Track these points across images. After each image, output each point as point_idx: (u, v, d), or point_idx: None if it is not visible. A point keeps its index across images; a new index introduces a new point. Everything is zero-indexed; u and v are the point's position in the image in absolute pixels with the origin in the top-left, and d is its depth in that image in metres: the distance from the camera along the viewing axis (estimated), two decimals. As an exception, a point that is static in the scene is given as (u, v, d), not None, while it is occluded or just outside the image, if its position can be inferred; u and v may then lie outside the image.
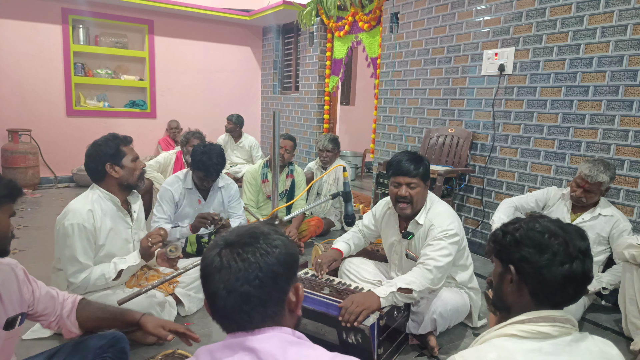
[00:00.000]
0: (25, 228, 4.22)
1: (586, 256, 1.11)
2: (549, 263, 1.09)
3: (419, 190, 2.28)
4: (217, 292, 0.89)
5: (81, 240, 2.14)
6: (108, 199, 2.28)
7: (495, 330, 1.13)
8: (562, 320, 1.08)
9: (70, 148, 6.32)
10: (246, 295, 0.88)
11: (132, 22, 6.61)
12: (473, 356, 1.06)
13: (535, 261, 1.11)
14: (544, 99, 3.43)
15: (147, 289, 1.70)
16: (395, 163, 2.31)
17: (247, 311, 0.89)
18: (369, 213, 2.73)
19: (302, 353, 0.88)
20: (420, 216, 2.33)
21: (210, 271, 0.91)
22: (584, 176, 2.66)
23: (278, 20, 6.98)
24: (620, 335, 2.55)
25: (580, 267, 1.10)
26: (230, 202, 3.34)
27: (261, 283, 0.89)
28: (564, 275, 1.09)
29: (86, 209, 2.19)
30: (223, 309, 0.90)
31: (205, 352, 0.91)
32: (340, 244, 2.62)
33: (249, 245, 0.92)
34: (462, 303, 2.36)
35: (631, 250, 2.34)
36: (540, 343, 1.05)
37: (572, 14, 3.21)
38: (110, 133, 2.33)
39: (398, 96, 4.79)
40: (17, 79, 5.95)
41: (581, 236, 1.13)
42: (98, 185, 2.29)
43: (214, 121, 7.25)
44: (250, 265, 0.89)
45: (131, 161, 2.29)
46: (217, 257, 0.91)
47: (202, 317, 2.60)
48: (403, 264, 2.46)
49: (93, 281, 2.17)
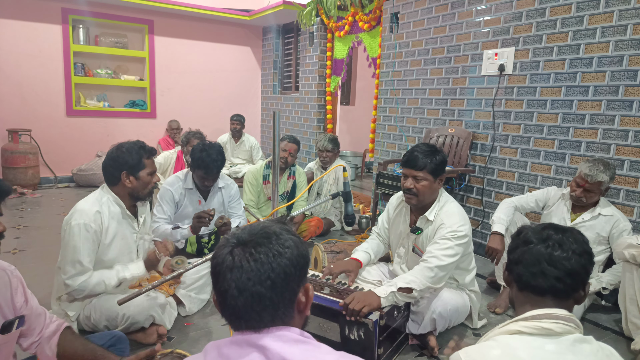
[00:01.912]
0: (25, 228, 4.22)
1: (560, 246, 1.16)
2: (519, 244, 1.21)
3: (425, 184, 2.25)
4: (228, 291, 0.89)
5: (86, 241, 2.12)
6: (116, 202, 2.27)
7: (500, 327, 1.15)
8: (566, 319, 1.08)
9: (70, 148, 6.32)
10: (257, 296, 0.88)
11: (132, 22, 6.61)
12: (477, 353, 1.07)
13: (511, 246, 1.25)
14: (544, 99, 3.43)
15: (148, 289, 1.69)
16: (407, 154, 2.31)
17: (258, 311, 0.89)
18: (383, 213, 2.69)
19: (309, 352, 0.88)
20: (430, 212, 2.31)
21: (222, 269, 0.90)
22: (584, 175, 2.66)
23: (278, 20, 6.98)
24: (620, 335, 2.55)
25: (546, 250, 1.16)
26: (231, 202, 3.33)
27: (273, 284, 0.89)
28: (531, 253, 1.17)
29: (94, 210, 2.16)
30: (233, 308, 0.90)
31: (213, 348, 0.91)
32: (359, 253, 2.53)
33: (261, 245, 0.91)
34: (462, 303, 2.36)
35: (631, 250, 2.34)
36: (543, 340, 1.05)
37: (572, 14, 3.21)
38: (138, 141, 2.30)
39: (398, 96, 4.79)
40: (17, 79, 5.95)
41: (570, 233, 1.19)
42: (109, 188, 2.27)
43: (214, 121, 7.25)
44: (262, 266, 0.89)
45: (147, 174, 2.27)
46: (229, 255, 0.90)
47: (202, 317, 2.60)
48: (409, 258, 2.45)
49: (92, 286, 2.14)
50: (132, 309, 2.13)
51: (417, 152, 2.27)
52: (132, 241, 2.34)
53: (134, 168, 2.22)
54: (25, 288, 1.51)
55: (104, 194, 2.26)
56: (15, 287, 1.45)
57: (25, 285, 1.51)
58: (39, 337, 1.54)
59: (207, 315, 2.62)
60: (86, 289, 2.13)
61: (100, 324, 2.18)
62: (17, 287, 1.46)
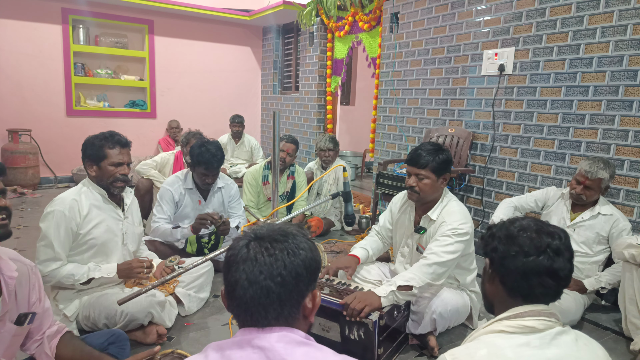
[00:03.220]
0: (25, 228, 4.22)
1: (557, 254, 1.13)
2: (515, 254, 1.14)
3: (428, 182, 2.26)
4: (238, 282, 0.91)
5: (58, 228, 2.13)
6: (96, 190, 2.29)
7: (484, 327, 1.16)
8: (547, 315, 1.11)
9: (70, 148, 6.31)
10: (266, 290, 0.90)
11: (132, 22, 6.61)
12: (463, 354, 1.08)
13: (502, 251, 1.17)
14: (544, 99, 3.43)
15: (147, 289, 1.70)
16: (412, 151, 2.33)
17: (265, 305, 0.90)
18: (384, 212, 2.70)
19: (310, 354, 0.89)
20: (433, 212, 2.32)
21: (236, 260, 0.93)
22: (584, 172, 2.67)
23: (278, 20, 6.98)
24: (620, 335, 2.55)
25: (547, 262, 1.12)
26: (231, 202, 3.33)
27: (283, 281, 0.91)
28: (528, 266, 1.12)
29: (70, 198, 2.20)
30: (241, 299, 0.91)
31: (215, 348, 0.92)
32: (357, 250, 2.56)
33: (278, 242, 0.94)
34: (463, 304, 2.35)
35: (631, 250, 2.33)
36: (527, 337, 1.07)
37: (572, 14, 3.21)
38: (108, 131, 2.31)
39: (398, 96, 4.79)
40: (17, 79, 5.95)
41: (559, 236, 1.16)
42: (88, 177, 2.31)
43: (214, 121, 7.25)
44: (276, 262, 0.91)
45: (110, 165, 2.25)
46: (245, 248, 0.93)
47: (202, 316, 2.60)
48: (413, 257, 2.45)
49: (60, 277, 2.15)
50: (130, 306, 2.13)
51: (421, 150, 2.29)
52: (117, 228, 2.35)
53: (95, 157, 2.24)
54: (42, 287, 1.55)
55: (84, 183, 2.30)
56: (33, 283, 1.49)
57: (42, 284, 1.55)
58: (41, 336, 1.56)
59: (207, 315, 2.62)
60: (55, 277, 2.15)
61: (99, 322, 2.18)
62: (35, 284, 1.50)
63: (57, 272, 2.14)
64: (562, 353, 1.05)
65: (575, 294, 2.61)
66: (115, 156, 2.27)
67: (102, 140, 2.25)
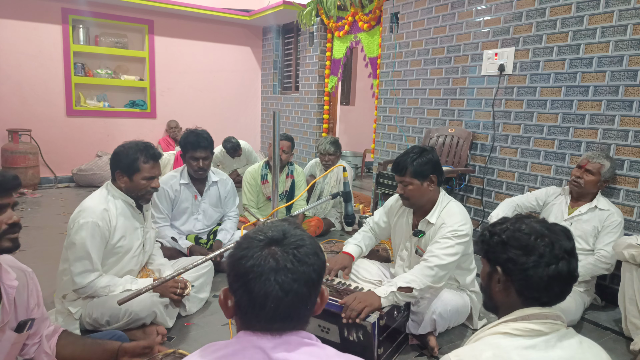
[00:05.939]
0: (25, 228, 4.22)
1: (572, 256, 1.13)
2: (536, 264, 1.11)
3: (412, 188, 2.27)
4: (270, 293, 0.86)
5: (94, 240, 2.12)
6: (122, 198, 2.28)
7: (489, 328, 1.15)
8: (553, 317, 1.11)
9: (70, 148, 6.32)
10: (302, 296, 0.89)
11: (132, 22, 6.61)
12: (468, 355, 1.07)
13: (522, 262, 1.13)
14: (544, 99, 3.43)
15: (148, 289, 1.70)
16: (394, 161, 2.34)
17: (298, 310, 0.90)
18: (380, 209, 2.70)
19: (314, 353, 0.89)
20: (432, 215, 2.32)
21: (263, 271, 0.87)
22: (587, 157, 2.82)
23: (278, 20, 6.98)
24: (620, 335, 2.55)
25: (566, 267, 1.12)
26: (226, 197, 3.36)
27: (313, 284, 0.92)
28: (550, 275, 1.11)
29: (101, 207, 2.17)
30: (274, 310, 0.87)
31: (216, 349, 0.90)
32: (351, 246, 2.57)
33: (301, 246, 0.92)
34: (463, 304, 2.35)
35: (631, 250, 2.33)
36: (533, 340, 1.07)
37: (572, 14, 3.21)
38: (142, 142, 2.27)
39: (398, 96, 4.79)
40: (17, 79, 5.94)
41: (567, 236, 1.16)
42: (112, 184, 2.29)
43: (214, 121, 7.24)
44: (307, 267, 0.90)
45: (142, 179, 2.23)
46: (271, 258, 0.88)
47: (202, 317, 2.60)
48: (412, 260, 2.45)
49: (98, 288, 2.15)
50: (135, 304, 2.12)
51: (400, 157, 2.31)
52: (140, 235, 2.36)
53: (128, 169, 2.22)
54: (39, 292, 1.53)
55: (109, 190, 2.27)
56: (31, 289, 1.48)
57: (40, 289, 1.54)
58: (39, 339, 1.55)
59: (207, 315, 2.62)
60: (93, 288, 2.14)
61: (102, 320, 2.18)
62: (33, 290, 1.49)
63: (95, 283, 2.13)
64: (567, 355, 1.05)
65: (575, 294, 2.61)
66: (148, 170, 2.25)
67: (136, 152, 2.22)
